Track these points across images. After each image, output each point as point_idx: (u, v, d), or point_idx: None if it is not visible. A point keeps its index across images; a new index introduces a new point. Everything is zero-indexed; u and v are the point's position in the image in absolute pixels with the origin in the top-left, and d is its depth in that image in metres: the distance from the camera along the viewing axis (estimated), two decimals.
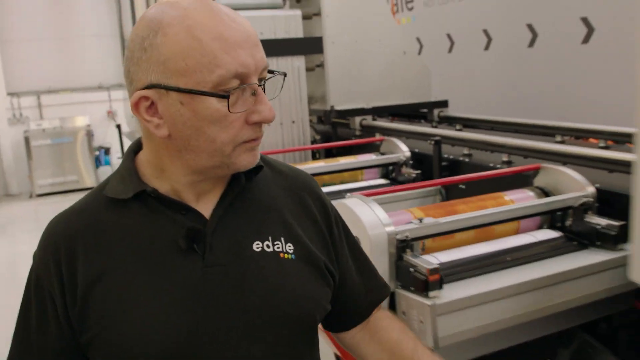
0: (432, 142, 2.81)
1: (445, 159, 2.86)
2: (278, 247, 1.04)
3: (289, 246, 1.05)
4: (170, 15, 0.91)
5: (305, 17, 3.74)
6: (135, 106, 0.95)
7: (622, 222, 1.89)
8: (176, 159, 0.98)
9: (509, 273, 1.77)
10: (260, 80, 0.95)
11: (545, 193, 2.16)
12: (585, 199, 1.99)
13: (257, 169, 1.05)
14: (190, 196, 1.02)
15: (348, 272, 1.18)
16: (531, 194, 2.15)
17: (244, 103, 0.94)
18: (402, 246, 1.71)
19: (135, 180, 1.02)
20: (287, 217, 1.09)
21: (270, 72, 1.00)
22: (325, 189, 2.85)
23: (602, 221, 1.94)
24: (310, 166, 2.99)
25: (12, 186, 10.01)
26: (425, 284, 1.59)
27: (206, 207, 1.03)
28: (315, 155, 3.80)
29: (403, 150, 3.01)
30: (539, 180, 2.22)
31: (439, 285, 1.61)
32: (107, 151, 10.28)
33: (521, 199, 2.11)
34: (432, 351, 1.20)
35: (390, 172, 3.07)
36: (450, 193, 2.74)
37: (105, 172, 9.94)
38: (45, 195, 9.70)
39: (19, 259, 6.23)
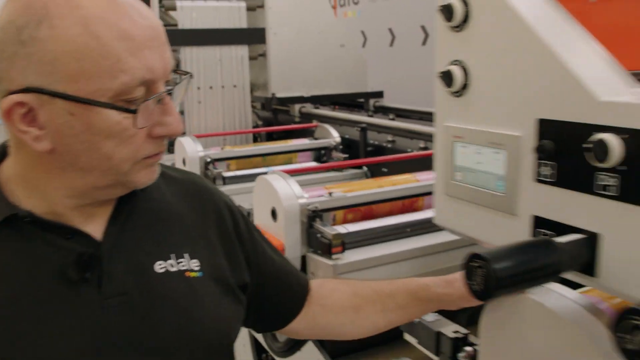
0: (359, 129, 3.09)
1: (370, 144, 3.14)
2: (183, 265, 0.91)
3: (195, 262, 0.93)
4: (57, 1, 0.73)
5: (250, 9, 4.00)
6: (7, 113, 0.75)
7: None
8: (57, 176, 0.81)
9: (406, 242, 2.04)
10: (167, 84, 0.82)
11: None
12: None
13: None
14: (76, 217, 0.85)
15: (270, 260, 1.11)
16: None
17: (150, 115, 0.79)
18: (313, 216, 1.96)
19: (1, 200, 0.82)
20: (188, 227, 0.96)
21: (175, 71, 0.85)
22: (260, 170, 3.09)
23: None
24: (248, 149, 3.26)
25: None
26: (328, 247, 1.85)
27: (96, 227, 0.86)
28: (257, 139, 4.05)
29: (334, 135, 3.31)
30: None
31: (341, 249, 1.86)
32: None
33: (427, 179, 2.39)
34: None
35: (322, 156, 3.33)
36: (374, 176, 3.02)
37: None
38: None
39: None
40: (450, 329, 1.32)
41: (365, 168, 3.13)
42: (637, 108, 0.75)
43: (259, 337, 2.31)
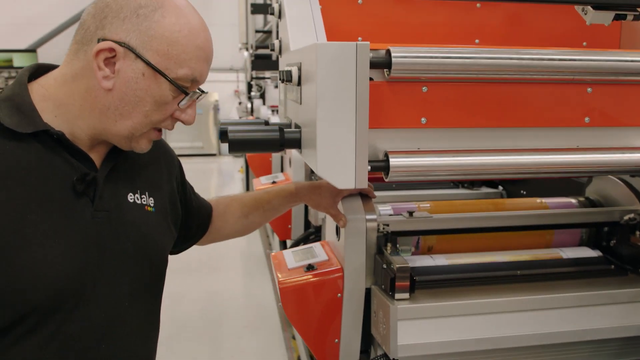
0: None
1: None
2: (144, 201, 1.19)
3: (151, 200, 1.21)
4: (172, 3, 1.04)
5: None
6: (99, 51, 1.00)
7: None
8: (96, 112, 1.05)
9: (510, 288, 1.51)
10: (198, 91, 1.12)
11: (593, 205, 1.83)
12: (633, 215, 1.66)
13: None
14: (86, 143, 1.10)
15: (192, 201, 1.47)
16: (574, 202, 1.83)
17: (187, 102, 1.10)
18: (383, 239, 1.52)
19: (36, 116, 1.03)
20: (153, 173, 1.25)
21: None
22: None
23: None
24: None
25: None
26: (391, 283, 1.40)
27: (97, 156, 1.12)
28: None
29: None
30: (591, 190, 1.89)
31: (407, 286, 1.40)
32: None
33: (559, 207, 1.80)
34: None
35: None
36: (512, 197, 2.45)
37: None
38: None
39: None
40: None
41: (500, 188, 2.59)
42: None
43: None
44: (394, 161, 1.00)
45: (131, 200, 1.15)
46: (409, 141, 1.04)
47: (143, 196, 1.19)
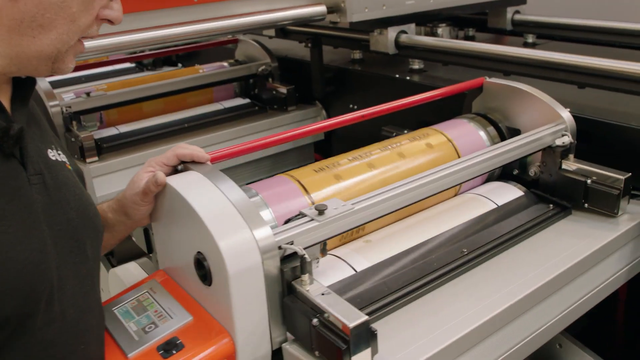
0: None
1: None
2: (61, 157, 0.92)
3: (63, 156, 0.93)
4: None
5: None
6: None
7: (291, 86, 2.11)
8: (3, 32, 0.77)
9: (182, 137, 1.94)
10: None
11: (241, 64, 2.33)
12: (265, 66, 2.19)
13: None
14: None
15: None
16: (225, 64, 2.31)
17: None
18: (68, 118, 1.81)
19: None
20: (46, 124, 0.97)
21: None
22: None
23: (280, 87, 2.14)
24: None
25: None
26: (81, 151, 1.73)
27: (5, 101, 0.84)
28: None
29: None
30: (238, 53, 2.38)
31: (95, 152, 1.74)
32: None
33: (214, 69, 2.26)
34: None
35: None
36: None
37: None
38: None
39: None
40: None
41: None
42: None
43: None
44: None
45: (53, 158, 0.88)
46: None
47: (59, 152, 0.92)
